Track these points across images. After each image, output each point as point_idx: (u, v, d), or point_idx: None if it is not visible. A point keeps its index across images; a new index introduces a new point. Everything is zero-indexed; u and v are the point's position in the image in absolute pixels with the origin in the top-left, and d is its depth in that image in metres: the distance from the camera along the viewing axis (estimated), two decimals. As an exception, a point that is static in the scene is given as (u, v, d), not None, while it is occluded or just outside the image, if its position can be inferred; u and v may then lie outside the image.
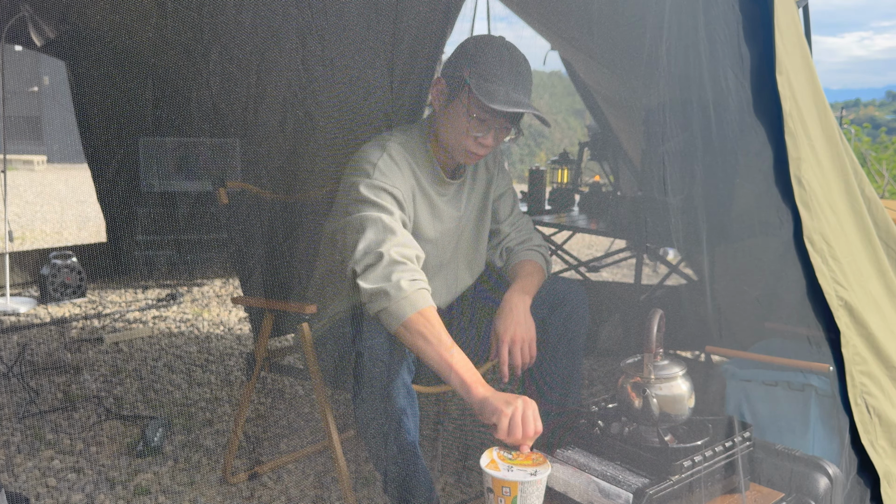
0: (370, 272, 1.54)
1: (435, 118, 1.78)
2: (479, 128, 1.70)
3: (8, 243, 4.28)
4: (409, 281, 1.52)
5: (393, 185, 1.67)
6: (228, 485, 2.12)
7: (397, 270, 1.53)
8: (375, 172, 1.66)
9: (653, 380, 1.43)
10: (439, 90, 1.74)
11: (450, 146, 1.75)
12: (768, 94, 1.38)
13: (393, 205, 1.65)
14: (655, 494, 1.29)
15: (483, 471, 1.29)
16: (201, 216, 4.61)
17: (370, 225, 1.59)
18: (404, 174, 1.72)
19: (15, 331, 3.52)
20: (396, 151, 1.73)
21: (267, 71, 2.95)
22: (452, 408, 2.31)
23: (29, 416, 2.53)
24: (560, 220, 3.24)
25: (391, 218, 1.62)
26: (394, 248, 1.56)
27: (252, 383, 2.06)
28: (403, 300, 1.50)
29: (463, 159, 1.77)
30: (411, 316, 1.49)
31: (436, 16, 3.53)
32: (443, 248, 1.85)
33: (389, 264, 1.54)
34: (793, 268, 1.45)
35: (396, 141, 1.76)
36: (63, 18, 3.75)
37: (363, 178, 1.66)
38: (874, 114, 17.85)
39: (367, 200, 1.63)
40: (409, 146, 1.77)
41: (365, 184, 1.65)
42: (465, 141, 1.71)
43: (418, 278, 1.54)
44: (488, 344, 1.82)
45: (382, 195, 1.65)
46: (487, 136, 1.71)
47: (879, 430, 1.45)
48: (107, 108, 4.35)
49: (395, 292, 1.50)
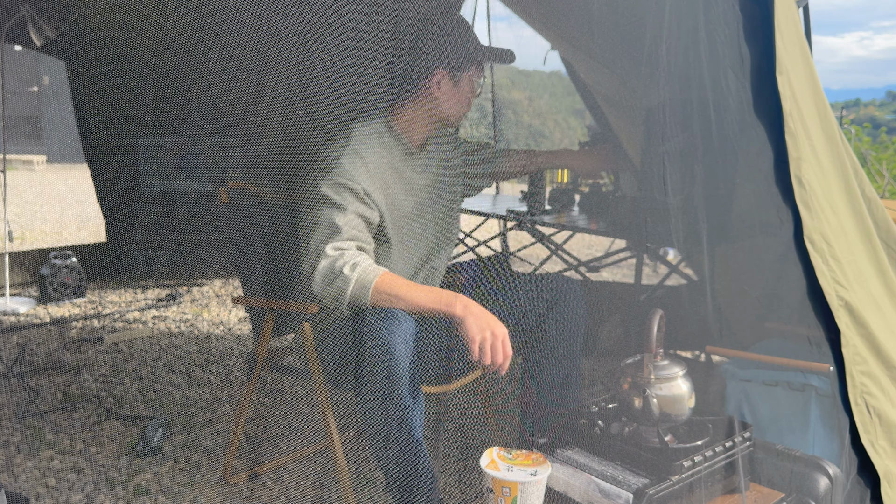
0: (315, 274, 1.64)
1: (431, 103, 1.85)
2: (475, 89, 1.88)
3: (8, 243, 4.28)
4: (351, 265, 1.61)
5: (353, 178, 1.72)
6: (228, 485, 2.12)
7: (338, 263, 1.62)
8: (336, 168, 1.73)
9: (653, 380, 1.43)
10: (438, 80, 1.82)
11: (452, 118, 1.89)
12: (768, 94, 1.38)
13: (350, 200, 1.71)
14: (655, 494, 1.29)
15: (483, 471, 1.29)
16: (201, 216, 4.61)
17: (319, 225, 1.69)
18: (372, 162, 1.77)
19: (15, 331, 3.52)
20: (362, 143, 1.79)
21: (267, 70, 2.95)
22: (453, 408, 2.31)
23: (29, 416, 2.53)
24: (560, 220, 3.24)
25: (342, 216, 1.68)
26: (333, 244, 1.65)
27: (252, 383, 2.06)
28: (356, 284, 1.60)
29: (458, 123, 1.95)
30: (371, 292, 1.60)
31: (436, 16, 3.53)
32: (421, 217, 1.91)
33: (327, 261, 1.63)
34: (793, 268, 1.45)
35: (360, 130, 1.82)
36: (63, 18, 3.74)
37: (324, 174, 1.73)
38: (874, 114, 17.86)
39: (325, 199, 1.71)
40: (376, 131, 1.84)
41: (325, 181, 1.72)
42: (464, 108, 1.88)
43: (358, 260, 1.63)
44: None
45: (341, 191, 1.71)
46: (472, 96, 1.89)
47: (880, 430, 1.45)
48: (107, 108, 4.35)
49: (343, 284, 1.60)
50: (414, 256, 1.90)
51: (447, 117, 1.89)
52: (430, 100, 1.84)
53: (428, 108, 1.86)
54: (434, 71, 1.81)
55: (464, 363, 1.86)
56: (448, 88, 1.83)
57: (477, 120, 7.86)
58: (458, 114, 1.89)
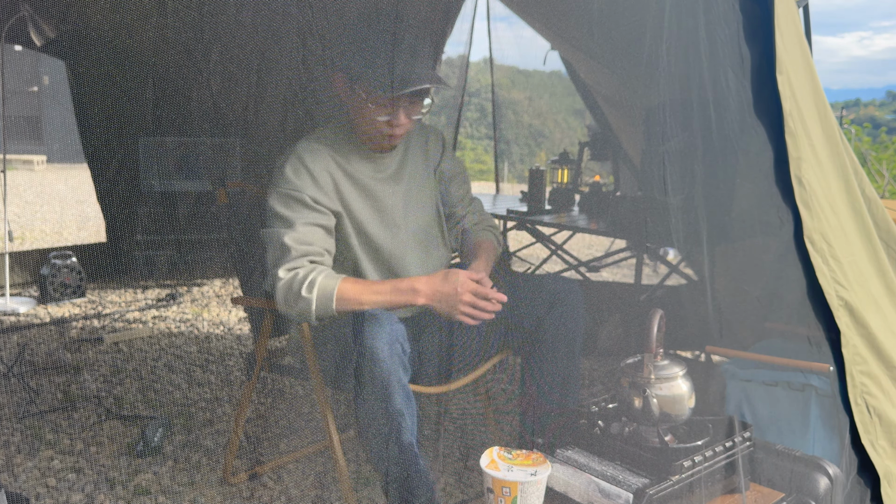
0: (278, 297, 1.65)
1: (348, 110, 1.78)
2: (383, 112, 1.70)
3: (8, 243, 4.28)
4: (307, 284, 1.62)
5: (298, 188, 1.70)
6: (228, 485, 2.12)
7: (294, 285, 1.63)
8: (282, 181, 1.71)
9: (653, 380, 1.43)
10: (340, 85, 1.74)
11: (367, 133, 1.76)
12: (768, 94, 1.38)
13: (299, 211, 1.70)
14: (655, 494, 1.29)
15: (483, 471, 1.29)
16: (201, 216, 4.61)
17: (269, 244, 1.70)
18: (316, 173, 1.73)
19: (15, 331, 3.52)
20: (307, 151, 1.75)
21: (267, 70, 2.96)
22: (453, 408, 2.31)
23: (29, 416, 2.53)
24: (560, 220, 3.24)
25: (290, 233, 1.67)
26: (284, 268, 1.65)
27: (252, 383, 2.06)
28: (318, 300, 1.62)
29: (386, 143, 1.77)
30: (334, 301, 1.62)
31: (436, 16, 3.54)
32: (392, 225, 1.85)
33: (284, 285, 1.64)
34: (793, 268, 1.45)
35: (310, 139, 1.78)
36: (63, 18, 3.75)
37: (272, 188, 1.72)
38: (874, 114, 17.85)
39: (274, 213, 1.71)
40: (328, 140, 1.78)
41: (273, 195, 1.72)
42: (380, 127, 1.73)
43: (312, 276, 1.63)
44: (489, 340, 1.82)
45: (290, 203, 1.70)
46: (399, 115, 1.71)
47: (880, 430, 1.45)
48: (107, 108, 4.35)
49: (306, 306, 1.62)
50: (386, 263, 1.85)
51: (363, 130, 1.76)
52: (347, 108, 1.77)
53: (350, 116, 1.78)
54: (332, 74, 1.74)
55: (464, 363, 1.86)
56: (348, 96, 1.73)
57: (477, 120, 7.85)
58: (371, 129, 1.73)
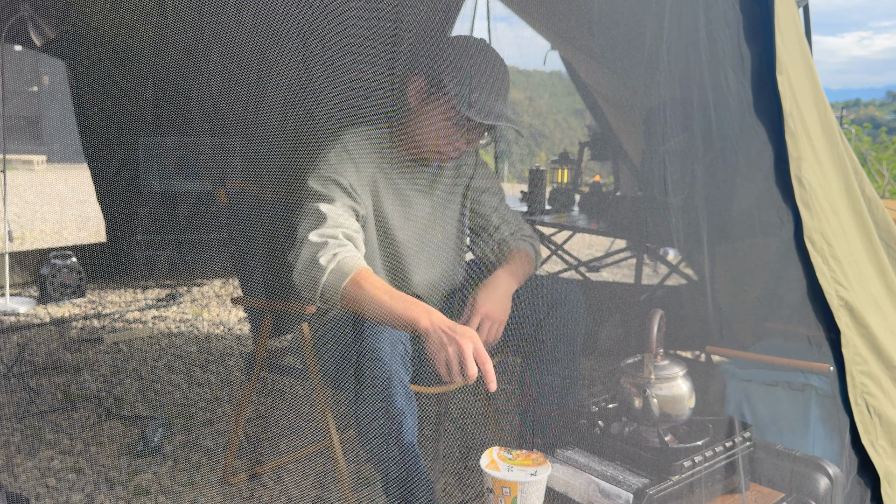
0: (297, 262, 1.59)
1: (407, 113, 1.77)
2: (454, 132, 1.72)
3: (7, 243, 4.28)
4: (330, 256, 1.55)
5: (339, 173, 1.70)
6: (228, 485, 2.12)
7: (318, 252, 1.56)
8: (323, 164, 1.71)
9: (653, 380, 1.43)
10: (417, 88, 1.74)
11: (421, 143, 1.77)
12: (768, 94, 1.38)
13: (337, 192, 1.68)
14: (655, 494, 1.29)
15: (483, 471, 1.29)
16: (201, 216, 4.61)
17: (305, 215, 1.65)
18: (359, 164, 1.73)
19: (15, 331, 3.52)
20: (352, 141, 1.75)
21: (267, 70, 2.95)
22: (453, 408, 2.31)
23: (29, 416, 2.53)
24: (560, 220, 3.24)
25: (328, 206, 1.65)
26: (317, 231, 1.60)
27: (252, 383, 2.06)
28: (330, 276, 1.53)
29: (433, 157, 1.79)
30: (343, 286, 1.52)
31: (436, 15, 3.53)
32: (416, 235, 1.85)
33: (309, 248, 1.58)
34: (793, 268, 1.45)
35: (356, 133, 1.78)
36: (63, 18, 3.74)
37: (312, 171, 1.71)
38: (874, 114, 17.84)
39: (311, 192, 1.68)
40: (374, 137, 1.79)
41: (312, 176, 1.70)
42: (439, 142, 1.74)
43: (339, 251, 1.57)
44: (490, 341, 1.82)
45: (328, 184, 1.69)
46: (461, 140, 1.73)
47: (880, 431, 1.45)
48: (107, 108, 4.35)
49: (319, 273, 1.54)
50: (399, 269, 1.84)
51: (418, 139, 1.76)
52: (408, 111, 1.77)
53: (406, 120, 1.78)
54: (412, 74, 1.73)
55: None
56: (420, 101, 1.73)
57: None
58: (429, 141, 1.74)
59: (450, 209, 1.93)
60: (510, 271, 1.82)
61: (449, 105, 1.68)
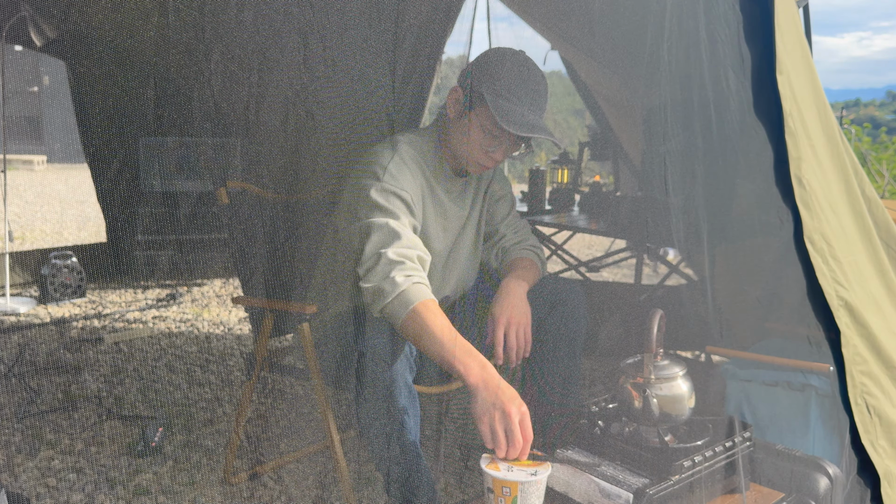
0: (370, 274, 1.56)
1: (447, 123, 1.78)
2: (491, 143, 1.72)
3: (8, 243, 4.28)
4: (405, 276, 1.53)
5: (402, 188, 1.68)
6: (228, 485, 2.12)
7: (395, 269, 1.54)
8: (386, 176, 1.67)
9: (653, 380, 1.43)
10: (455, 99, 1.75)
11: (459, 154, 1.77)
12: (768, 94, 1.38)
13: (402, 209, 1.66)
14: (656, 494, 1.29)
15: (483, 471, 1.29)
16: (202, 216, 4.61)
17: (376, 230, 1.61)
18: (414, 175, 1.73)
19: (15, 331, 3.52)
20: (406, 152, 1.74)
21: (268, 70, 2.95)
22: (454, 408, 2.31)
23: (29, 416, 2.53)
24: (560, 220, 3.24)
25: (398, 223, 1.63)
26: (394, 249, 1.57)
27: (252, 383, 2.06)
28: (400, 296, 1.51)
29: (471, 168, 1.79)
30: (410, 310, 1.50)
31: (437, 16, 3.53)
32: (449, 246, 1.86)
33: (387, 264, 1.55)
34: (793, 268, 1.45)
35: (407, 141, 1.77)
36: (63, 18, 3.75)
37: (374, 181, 1.67)
38: (874, 114, 17.82)
39: (376, 205, 1.65)
40: (419, 146, 1.78)
41: (375, 188, 1.66)
42: (476, 152, 1.74)
43: (414, 274, 1.55)
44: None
45: (392, 199, 1.66)
46: (498, 150, 1.74)
47: (880, 430, 1.45)
48: (107, 108, 4.35)
49: (391, 288, 1.52)
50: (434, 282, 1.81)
51: (457, 150, 1.77)
52: (447, 121, 1.78)
53: (445, 131, 1.79)
54: (454, 85, 1.74)
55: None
56: (459, 113, 1.73)
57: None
58: (465, 152, 1.74)
59: (473, 215, 1.94)
60: (518, 276, 1.82)
61: (487, 116, 1.68)
